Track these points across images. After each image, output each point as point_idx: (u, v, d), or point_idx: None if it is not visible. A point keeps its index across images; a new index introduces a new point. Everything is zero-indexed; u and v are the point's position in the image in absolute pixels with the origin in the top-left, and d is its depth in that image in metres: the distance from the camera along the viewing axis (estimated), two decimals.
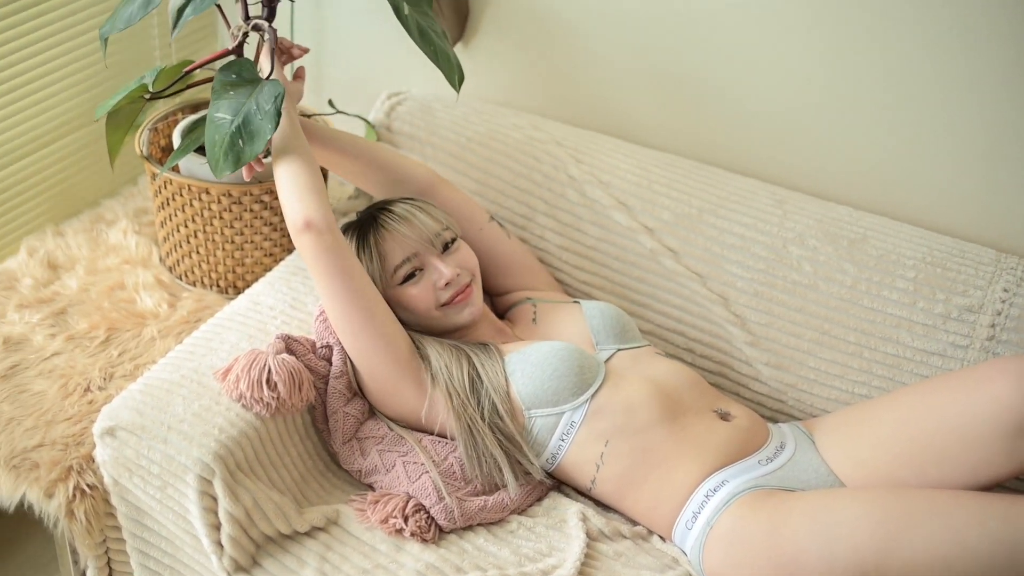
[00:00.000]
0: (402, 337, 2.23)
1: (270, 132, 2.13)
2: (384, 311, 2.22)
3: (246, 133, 2.14)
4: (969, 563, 1.89)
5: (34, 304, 2.57)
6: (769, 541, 2.01)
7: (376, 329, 2.19)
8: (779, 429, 2.26)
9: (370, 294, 2.20)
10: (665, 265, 2.53)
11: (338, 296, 2.17)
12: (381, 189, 2.50)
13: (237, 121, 2.15)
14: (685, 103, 2.71)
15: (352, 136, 2.48)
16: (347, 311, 2.18)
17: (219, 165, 2.13)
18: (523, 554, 2.11)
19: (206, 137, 2.16)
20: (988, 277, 2.37)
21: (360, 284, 2.19)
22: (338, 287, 2.17)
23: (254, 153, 2.13)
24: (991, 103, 2.41)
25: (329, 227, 2.16)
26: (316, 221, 2.14)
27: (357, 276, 2.19)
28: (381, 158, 2.48)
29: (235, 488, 2.07)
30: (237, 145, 2.13)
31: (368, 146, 2.49)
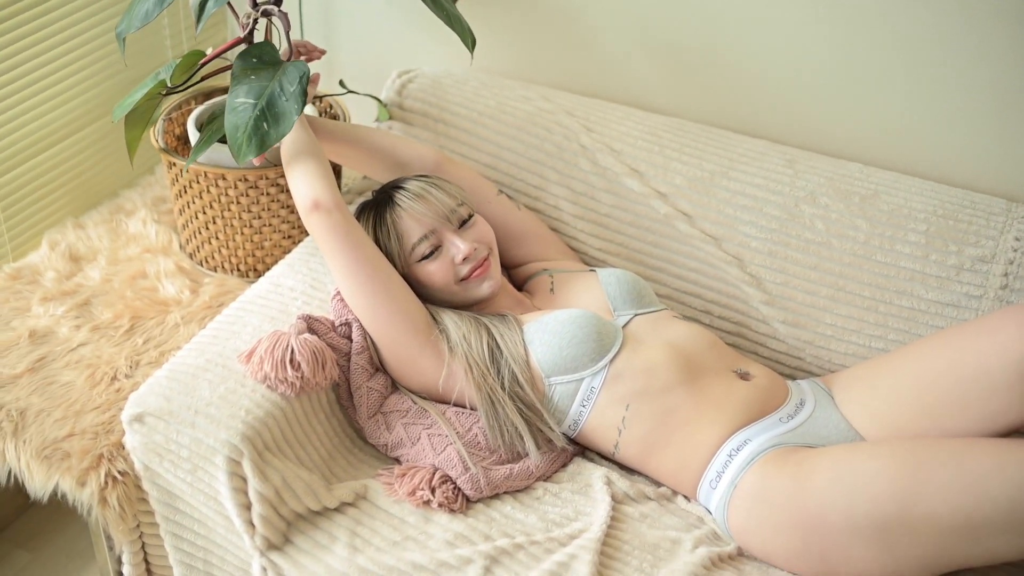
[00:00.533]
0: (418, 309, 2.26)
1: (297, 113, 2.17)
2: (399, 284, 2.25)
3: (271, 115, 2.17)
4: (989, 510, 1.90)
5: (58, 297, 2.60)
6: (792, 498, 2.04)
7: (392, 303, 2.23)
8: (798, 386, 2.28)
9: (382, 268, 2.23)
10: (680, 229, 2.56)
11: (351, 273, 2.22)
12: (387, 175, 2.53)
13: (261, 104, 2.18)
14: (692, 67, 2.73)
15: (353, 126, 2.53)
16: (361, 287, 2.22)
17: (242, 150, 2.16)
18: (550, 520, 2.14)
19: (227, 123, 2.19)
20: (1000, 227, 2.39)
21: (372, 260, 2.23)
22: (350, 264, 2.21)
23: (280, 135, 2.16)
24: (998, 56, 2.42)
25: (336, 205, 2.21)
26: (323, 201, 2.20)
27: (369, 252, 2.23)
28: (383, 145, 2.52)
29: (264, 468, 2.11)
30: (262, 128, 2.17)
31: (369, 134, 2.52)
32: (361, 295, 2.23)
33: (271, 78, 2.22)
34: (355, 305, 2.25)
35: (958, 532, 1.94)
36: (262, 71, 2.24)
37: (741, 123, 2.74)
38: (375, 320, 2.24)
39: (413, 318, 2.25)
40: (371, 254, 2.24)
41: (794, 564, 2.06)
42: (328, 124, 2.48)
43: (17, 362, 2.43)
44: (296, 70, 2.21)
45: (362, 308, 2.24)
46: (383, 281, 2.23)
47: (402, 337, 2.25)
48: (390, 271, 2.25)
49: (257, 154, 2.16)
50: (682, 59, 2.73)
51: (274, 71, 2.23)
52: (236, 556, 2.21)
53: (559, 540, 2.09)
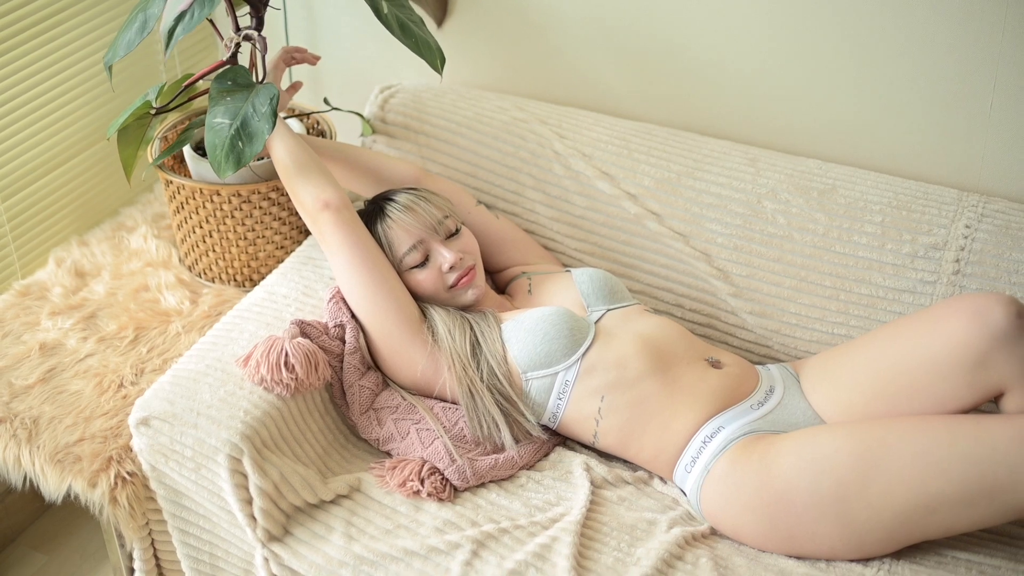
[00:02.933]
0: (411, 304, 2.38)
1: (267, 131, 2.28)
2: (395, 279, 2.37)
3: (245, 135, 2.29)
4: (943, 482, 2.00)
5: (65, 311, 2.70)
6: (760, 480, 2.14)
7: (389, 293, 2.35)
8: (768, 372, 2.38)
9: (382, 262, 2.36)
10: (649, 228, 2.65)
11: (355, 266, 2.34)
12: (371, 190, 2.64)
13: (236, 124, 2.29)
14: (657, 74, 2.81)
15: (339, 144, 2.64)
16: (363, 279, 2.34)
17: (222, 167, 2.28)
18: (533, 505, 2.23)
19: (207, 142, 2.31)
20: (951, 215, 2.48)
21: (374, 253, 2.36)
22: (354, 259, 2.34)
23: (253, 153, 2.27)
24: (944, 53, 2.51)
25: (345, 204, 2.35)
26: (332, 200, 2.34)
27: (371, 246, 2.36)
28: (367, 162, 2.64)
29: (263, 464, 2.20)
30: (237, 147, 2.28)
31: (355, 152, 2.64)
32: (361, 288, 2.35)
33: (245, 100, 2.33)
34: (354, 298, 2.36)
35: (915, 506, 2.03)
36: (237, 93, 2.35)
37: (705, 125, 2.82)
38: (372, 312, 2.36)
39: (406, 311, 2.36)
40: (373, 250, 2.36)
41: (763, 542, 2.16)
42: (315, 142, 2.59)
43: (29, 373, 2.53)
44: (266, 93, 2.33)
45: (361, 301, 2.36)
46: (382, 276, 2.35)
47: (395, 329, 2.36)
48: (388, 267, 2.37)
49: (235, 170, 2.28)
50: (648, 67, 2.81)
51: (248, 93, 2.34)
52: (240, 548, 2.30)
53: (542, 524, 2.18)
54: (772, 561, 2.14)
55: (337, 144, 2.65)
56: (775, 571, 2.12)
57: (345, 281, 2.37)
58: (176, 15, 2.32)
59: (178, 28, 2.33)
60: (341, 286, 2.39)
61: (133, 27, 2.44)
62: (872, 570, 2.11)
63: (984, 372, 2.10)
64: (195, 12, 2.31)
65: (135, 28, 2.44)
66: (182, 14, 2.31)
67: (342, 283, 2.38)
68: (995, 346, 2.09)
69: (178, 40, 2.32)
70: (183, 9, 2.31)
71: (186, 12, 2.31)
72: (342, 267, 2.36)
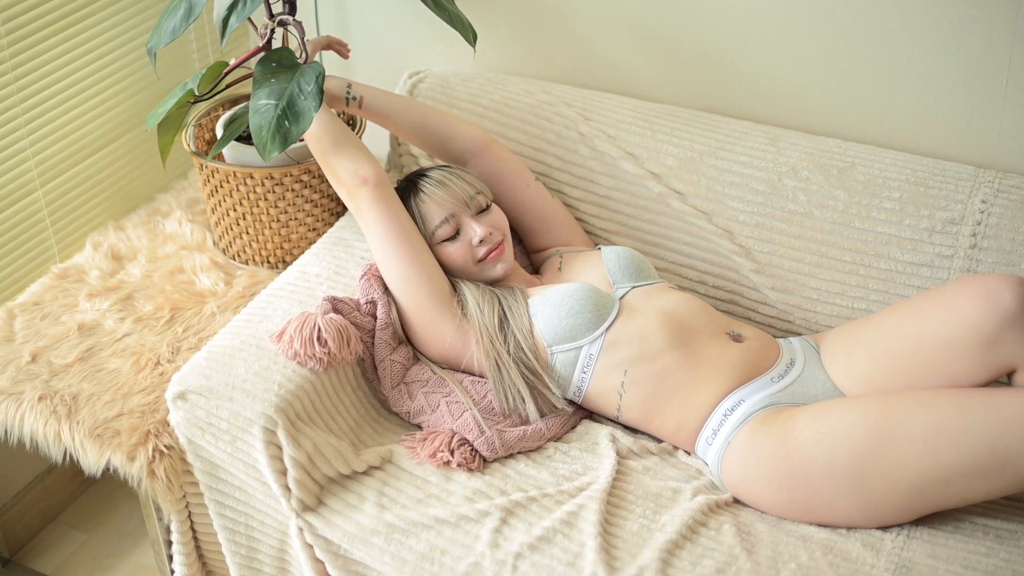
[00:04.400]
0: (442, 278, 2.44)
1: (315, 109, 2.32)
2: (428, 254, 2.43)
3: (291, 114, 2.32)
4: (955, 454, 2.05)
5: (103, 292, 2.76)
6: (778, 452, 2.19)
7: (422, 266, 2.41)
8: (789, 344, 2.42)
9: (416, 239, 2.42)
10: (673, 206, 2.69)
11: (390, 241, 2.40)
12: (429, 147, 2.70)
13: (282, 104, 2.33)
14: (680, 57, 2.85)
15: (405, 100, 2.67)
16: (398, 252, 2.40)
17: (267, 147, 2.31)
18: (560, 475, 2.28)
19: (251, 124, 2.33)
20: (967, 191, 2.51)
21: (408, 231, 2.41)
22: (390, 234, 2.40)
23: (300, 131, 2.31)
24: (961, 32, 2.54)
25: (382, 179, 2.41)
26: (371, 176, 2.40)
27: (407, 221, 2.42)
28: (433, 122, 2.67)
29: (297, 436, 2.26)
30: (284, 126, 2.31)
31: (421, 110, 2.67)
32: (397, 262, 2.40)
33: (290, 80, 2.37)
34: (388, 271, 2.42)
35: (929, 477, 2.08)
36: (281, 74, 2.39)
37: (726, 107, 2.86)
38: (406, 285, 2.41)
39: (438, 285, 2.42)
40: (408, 225, 2.42)
41: (783, 511, 2.21)
42: (381, 93, 2.64)
43: (68, 353, 2.59)
44: (312, 71, 2.37)
45: (394, 274, 2.42)
46: (416, 250, 2.41)
47: (427, 302, 2.41)
48: (422, 242, 2.43)
49: (281, 150, 2.30)
50: (670, 50, 2.85)
51: (292, 73, 2.38)
52: (274, 519, 2.36)
53: (569, 492, 2.23)
54: (793, 527, 2.19)
55: (404, 98, 2.69)
56: (797, 536, 2.16)
57: (380, 255, 2.43)
58: (228, 5, 2.36)
59: (232, 17, 2.38)
60: (376, 259, 2.45)
61: (178, 14, 2.49)
62: (891, 535, 2.15)
63: (995, 351, 2.14)
64: (248, 1, 2.36)
65: (180, 15, 2.48)
66: (235, 3, 2.36)
67: (377, 256, 2.44)
68: (1005, 326, 2.12)
69: (233, 29, 2.37)
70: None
71: (238, 1, 2.36)
72: (378, 241, 2.42)
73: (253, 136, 2.34)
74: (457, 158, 2.68)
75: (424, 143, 2.69)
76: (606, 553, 2.11)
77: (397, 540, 2.21)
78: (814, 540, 2.15)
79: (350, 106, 2.60)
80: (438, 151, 2.69)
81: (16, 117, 2.73)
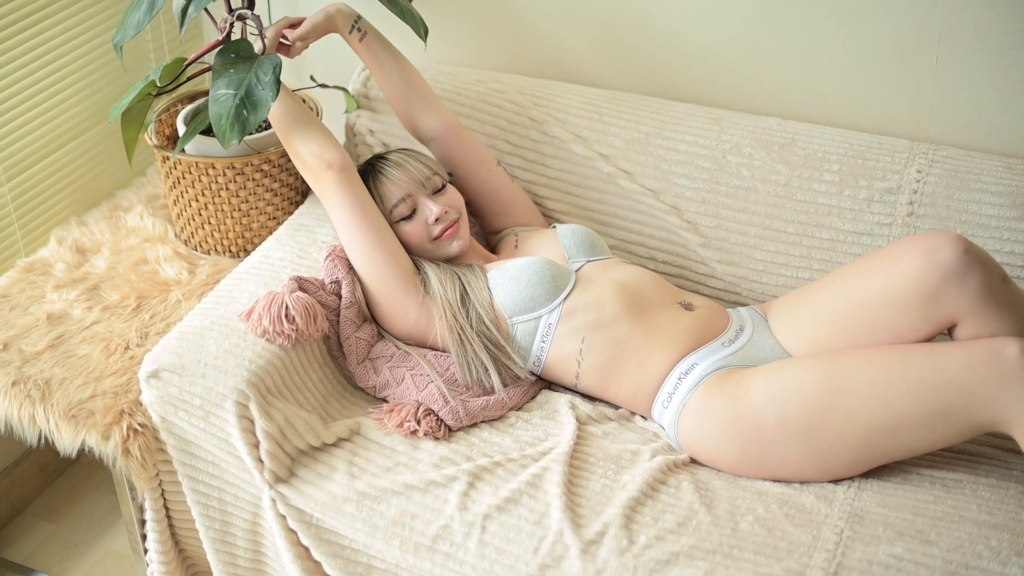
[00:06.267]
0: (405, 257, 2.51)
1: (271, 99, 2.36)
2: (391, 235, 2.50)
3: (249, 103, 2.37)
4: (901, 405, 2.14)
5: (69, 284, 2.80)
6: (732, 411, 2.27)
7: (386, 247, 2.47)
8: (738, 313, 2.50)
9: (379, 220, 2.49)
10: (622, 186, 2.78)
11: (355, 224, 2.46)
12: (404, 114, 2.76)
13: (240, 94, 2.37)
14: (623, 44, 2.94)
15: (400, 57, 2.76)
16: (362, 234, 2.46)
17: (226, 135, 2.35)
18: (523, 441, 2.36)
19: (211, 113, 2.37)
20: (903, 162, 2.61)
21: (371, 212, 2.48)
22: (355, 216, 2.46)
23: (258, 120, 2.36)
24: (892, 12, 2.65)
25: (347, 163, 2.47)
26: (335, 160, 2.46)
27: (370, 203, 2.48)
28: (417, 86, 2.74)
29: (268, 409, 2.32)
30: (242, 115, 2.35)
31: (411, 73, 2.75)
32: (361, 242, 2.47)
33: (248, 70, 2.41)
34: (353, 251, 2.49)
35: (876, 429, 2.16)
36: (240, 64, 2.43)
37: (670, 91, 2.95)
38: (371, 265, 2.48)
39: (401, 264, 2.49)
40: (371, 208, 2.49)
41: (737, 468, 2.30)
42: (384, 40, 2.71)
43: (38, 341, 2.63)
44: (270, 62, 2.41)
45: (360, 254, 2.48)
46: (380, 231, 2.48)
47: (392, 281, 2.48)
48: (384, 224, 2.50)
49: (240, 138, 2.35)
50: (615, 38, 2.94)
51: (250, 64, 2.43)
52: (247, 492, 2.41)
53: (532, 457, 2.31)
54: (749, 483, 2.27)
55: (401, 57, 2.75)
56: (753, 491, 2.23)
57: (345, 236, 2.49)
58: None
59: (190, 7, 2.42)
60: (342, 240, 2.51)
61: (142, 7, 2.53)
62: (843, 487, 2.22)
63: (936, 306, 2.21)
64: None
65: (143, 8, 2.52)
66: None
67: (343, 238, 2.50)
68: (945, 281, 2.20)
69: (192, 18, 2.41)
70: None
71: None
72: (343, 223, 2.48)
73: (213, 124, 2.38)
74: (423, 133, 2.75)
75: (400, 103, 2.75)
76: (571, 511, 2.18)
77: (368, 507, 2.27)
78: (769, 494, 2.23)
79: (351, 35, 2.67)
80: (408, 118, 2.75)
81: None
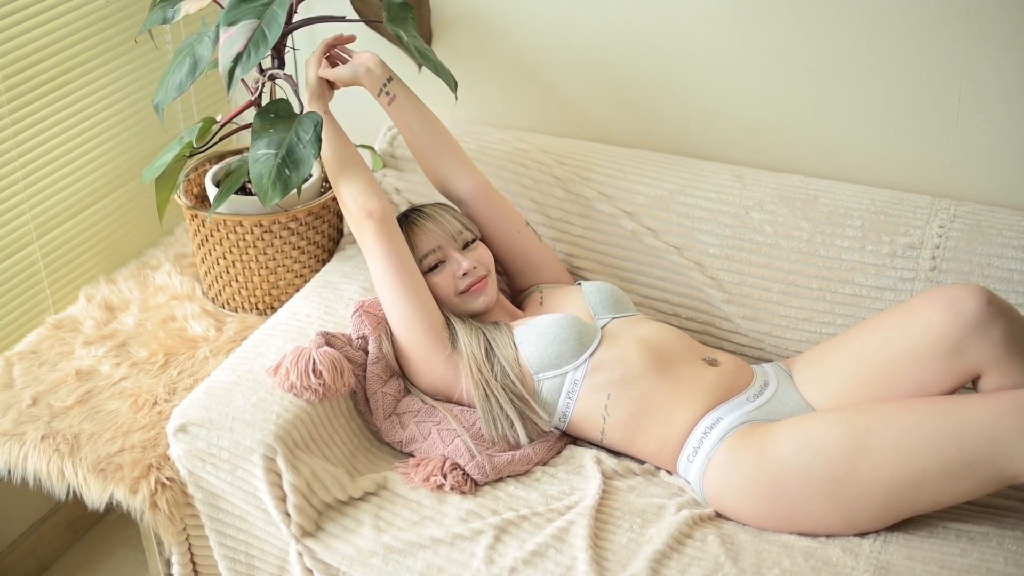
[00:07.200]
0: (436, 311, 2.53)
1: (314, 157, 2.42)
2: (425, 288, 2.52)
3: (291, 162, 2.42)
4: (926, 458, 2.14)
5: (98, 340, 2.82)
6: (757, 465, 2.27)
7: (419, 300, 2.49)
8: (762, 369, 2.51)
9: (415, 271, 2.51)
10: (646, 242, 2.79)
11: (390, 274, 2.48)
12: (433, 177, 2.75)
13: (281, 153, 2.42)
14: (647, 104, 2.97)
15: (430, 121, 2.72)
16: (396, 285, 2.48)
17: (268, 195, 2.40)
18: (549, 495, 2.37)
19: (252, 173, 2.43)
20: (925, 217, 2.63)
21: (409, 262, 2.50)
22: (390, 266, 2.48)
23: (300, 178, 2.40)
24: (913, 72, 2.68)
25: (387, 214, 2.50)
26: (376, 210, 2.48)
27: (406, 255, 2.51)
28: (447, 153, 2.72)
29: (295, 463, 2.33)
30: (284, 174, 2.41)
31: (441, 138, 2.72)
32: (394, 292, 2.49)
33: (288, 129, 2.46)
34: (387, 301, 2.51)
35: (902, 482, 2.17)
36: (280, 123, 2.48)
37: (693, 148, 2.97)
38: (402, 315, 2.50)
39: (432, 316, 2.51)
40: (408, 260, 2.51)
41: (764, 522, 2.29)
42: (414, 103, 2.68)
43: (67, 396, 2.65)
44: (310, 120, 2.46)
45: (393, 304, 2.50)
46: (414, 282, 2.50)
47: (421, 333, 2.50)
48: (419, 275, 2.52)
49: (282, 196, 2.40)
50: (639, 98, 2.97)
51: (290, 123, 2.48)
52: (274, 546, 2.41)
53: (558, 511, 2.31)
54: (775, 537, 2.27)
55: (432, 120, 2.72)
56: (778, 544, 2.24)
57: (379, 284, 2.51)
58: (233, 57, 2.42)
59: (237, 69, 2.42)
60: (376, 288, 2.52)
61: (183, 69, 2.58)
62: (869, 541, 2.22)
63: (960, 357, 2.23)
64: (251, 53, 2.42)
65: (185, 70, 2.57)
66: (239, 56, 2.42)
67: (377, 285, 2.52)
68: (969, 332, 2.21)
69: (238, 80, 2.42)
70: (239, 51, 2.42)
71: (242, 53, 2.41)
72: (378, 271, 2.50)
73: (254, 184, 2.43)
74: (453, 194, 2.75)
75: (430, 165, 2.74)
76: (597, 565, 2.18)
77: (395, 560, 2.27)
78: (795, 547, 2.23)
79: (380, 97, 2.65)
80: (438, 179, 2.75)
81: (14, 171, 2.82)
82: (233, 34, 2.44)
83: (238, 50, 2.43)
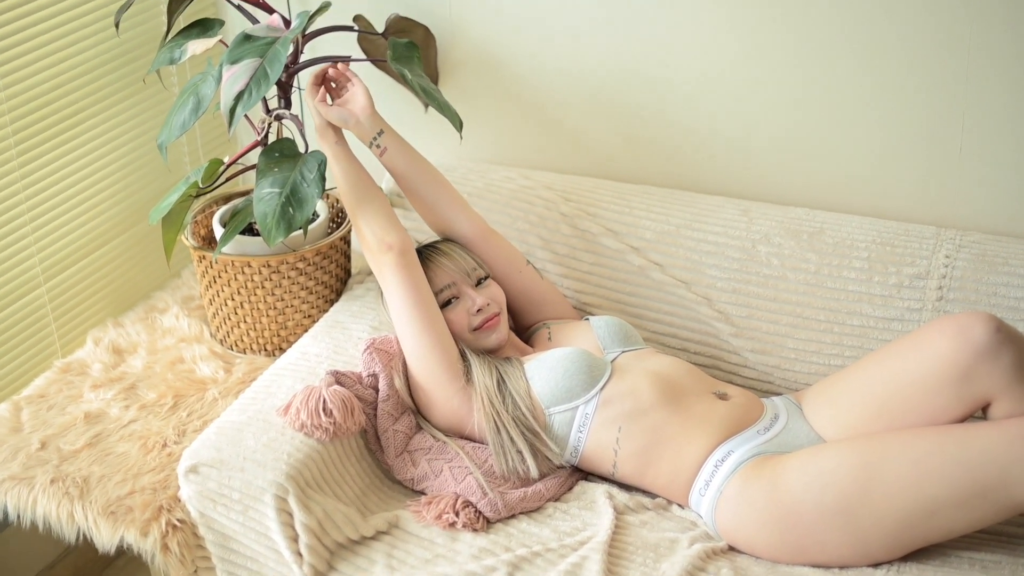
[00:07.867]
0: (452, 343, 2.54)
1: (318, 196, 2.44)
2: (441, 319, 2.53)
3: (295, 201, 2.44)
4: (938, 487, 2.14)
5: (106, 383, 2.82)
6: (769, 497, 2.28)
7: (436, 332, 2.50)
8: (772, 402, 2.51)
9: (432, 303, 2.53)
10: (653, 278, 2.80)
11: (407, 308, 2.50)
12: (431, 222, 2.75)
13: (285, 192, 2.44)
14: (651, 138, 2.98)
15: (425, 170, 2.71)
16: (415, 316, 2.49)
17: (272, 234, 2.42)
18: (561, 531, 2.36)
19: (256, 212, 2.45)
20: (931, 248, 2.64)
21: (426, 298, 2.51)
22: (408, 300, 2.50)
23: (304, 217, 2.42)
24: (917, 105, 2.70)
25: (407, 248, 2.52)
26: (395, 244, 2.51)
27: (425, 289, 2.52)
28: (444, 200, 2.71)
29: (307, 502, 2.32)
30: (288, 212, 2.43)
31: (436, 186, 2.71)
32: (413, 325, 2.50)
33: (292, 168, 2.48)
34: (404, 333, 2.52)
35: (915, 511, 2.17)
36: (284, 163, 2.50)
37: (698, 183, 2.98)
38: (419, 347, 2.51)
39: (449, 350, 2.52)
40: (426, 293, 2.52)
41: (776, 554, 2.29)
42: (406, 152, 2.67)
43: (76, 439, 2.65)
44: (314, 159, 2.48)
45: (410, 336, 2.51)
46: (432, 316, 2.51)
47: (437, 365, 2.50)
48: (437, 309, 2.53)
49: (286, 235, 2.42)
50: (644, 134, 2.99)
51: (295, 162, 2.50)
52: None
53: (571, 546, 2.31)
54: (788, 569, 2.26)
55: (426, 169, 2.71)
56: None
57: (397, 317, 2.52)
58: (234, 95, 2.43)
59: (239, 107, 2.44)
60: (393, 320, 2.54)
61: (187, 108, 2.60)
62: (882, 571, 2.23)
63: (970, 385, 2.23)
64: (252, 91, 2.43)
65: (189, 109, 2.60)
66: (240, 94, 2.43)
67: (395, 318, 2.53)
68: (978, 360, 2.22)
69: (239, 118, 2.44)
70: (240, 90, 2.44)
71: (243, 92, 2.43)
72: (397, 304, 2.52)
73: (258, 223, 2.44)
74: (452, 239, 2.74)
75: (425, 211, 2.74)
76: None
77: None
78: None
79: (371, 149, 2.64)
80: (436, 225, 2.75)
81: (22, 215, 2.83)
82: (235, 72, 2.46)
83: (240, 88, 2.45)
